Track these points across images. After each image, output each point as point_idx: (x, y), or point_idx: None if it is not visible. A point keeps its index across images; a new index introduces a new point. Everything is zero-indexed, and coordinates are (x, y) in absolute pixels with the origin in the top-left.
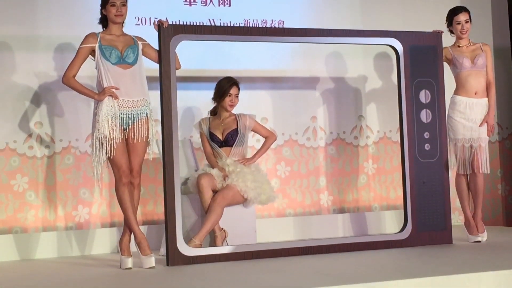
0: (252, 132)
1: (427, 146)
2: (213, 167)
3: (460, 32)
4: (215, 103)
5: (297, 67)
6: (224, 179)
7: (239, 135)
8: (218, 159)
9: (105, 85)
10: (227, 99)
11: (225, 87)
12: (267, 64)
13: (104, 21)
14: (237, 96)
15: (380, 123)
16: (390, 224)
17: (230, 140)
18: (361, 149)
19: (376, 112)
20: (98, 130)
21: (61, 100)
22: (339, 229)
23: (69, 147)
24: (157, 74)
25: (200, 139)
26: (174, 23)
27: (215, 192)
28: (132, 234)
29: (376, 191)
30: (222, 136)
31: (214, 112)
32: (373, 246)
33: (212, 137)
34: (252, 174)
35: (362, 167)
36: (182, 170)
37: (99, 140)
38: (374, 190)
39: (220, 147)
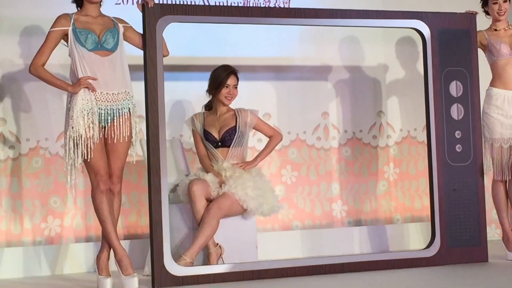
0: (253, 131)
1: (458, 148)
2: (207, 172)
3: (497, 13)
4: (210, 96)
5: (306, 54)
6: (220, 186)
7: (237, 133)
8: (214, 162)
9: (80, 75)
10: (224, 91)
11: (221, 77)
12: (270, 51)
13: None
14: (236, 87)
15: (403, 120)
16: (415, 239)
17: (227, 139)
18: (380, 150)
19: (398, 107)
20: (72, 128)
21: (28, 93)
22: (354, 244)
23: (38, 148)
24: (141, 62)
25: (192, 138)
26: (161, 2)
27: (209, 201)
28: (111, 250)
29: (399, 200)
30: (219, 135)
31: (209, 107)
32: (395, 264)
33: (206, 136)
34: (253, 181)
35: (382, 172)
36: (170, 175)
37: (73, 140)
38: (396, 199)
39: (215, 147)
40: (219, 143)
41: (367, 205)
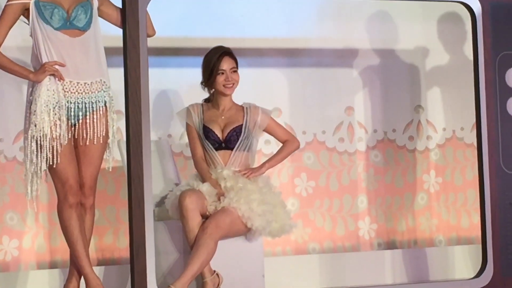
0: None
1: None
2: (203, 180)
3: None
4: (206, 89)
5: (326, 35)
6: (219, 199)
7: (244, 133)
8: (211, 169)
9: (44, 60)
10: (220, 78)
11: (212, 61)
12: (282, 30)
13: None
14: (235, 71)
15: (447, 117)
16: (462, 265)
17: (234, 139)
18: (419, 155)
19: (441, 101)
20: (35, 125)
21: None
22: (386, 272)
23: None
24: (120, 44)
25: (182, 139)
26: None
27: (205, 217)
28: (81, 278)
29: (441, 217)
30: (222, 134)
31: (210, 101)
32: None
33: (207, 133)
34: (260, 193)
35: (421, 182)
36: (156, 185)
37: (36, 141)
38: (438, 216)
39: (216, 149)
40: (222, 144)
41: (402, 223)
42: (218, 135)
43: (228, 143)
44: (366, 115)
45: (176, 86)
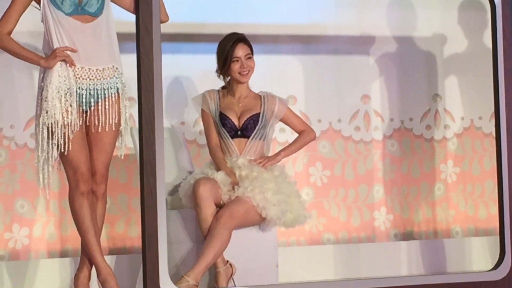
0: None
1: None
2: (218, 168)
3: None
4: (222, 77)
5: (342, 21)
6: (233, 188)
7: (261, 122)
8: (227, 157)
9: (55, 45)
10: (235, 66)
11: (226, 49)
12: (298, 16)
13: None
14: (250, 58)
15: (465, 106)
16: (479, 257)
17: (251, 127)
18: (436, 144)
19: (459, 89)
20: (47, 112)
21: None
22: (402, 263)
23: (1, 138)
24: (133, 30)
25: (202, 123)
26: None
27: (219, 207)
28: (93, 268)
29: (459, 208)
30: (239, 122)
31: (226, 88)
32: None
33: (223, 120)
34: (275, 182)
35: (438, 172)
36: (169, 174)
37: (48, 128)
38: (455, 207)
39: (232, 137)
40: (238, 132)
41: (419, 214)
42: (235, 122)
43: (244, 131)
44: (382, 103)
45: (189, 72)
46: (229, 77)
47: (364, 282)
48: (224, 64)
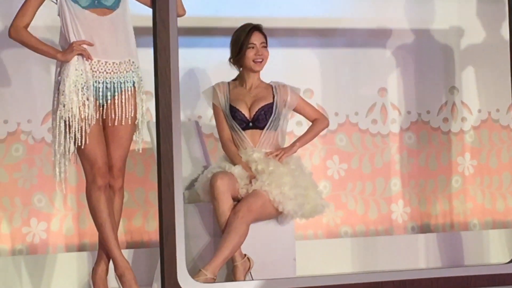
0: (292, 114)
1: None
2: (233, 163)
3: None
4: (235, 67)
5: (359, 14)
6: (250, 182)
7: (274, 114)
8: (240, 151)
9: (72, 39)
10: (250, 52)
11: (242, 36)
12: (314, 10)
13: None
14: (265, 47)
15: (482, 98)
16: (497, 249)
17: (262, 119)
18: (453, 137)
19: (476, 82)
20: (64, 106)
21: (7, 62)
22: (420, 256)
23: (18, 132)
24: (150, 23)
25: (213, 117)
26: None
27: (236, 200)
28: (110, 262)
29: (476, 201)
30: (249, 113)
31: (237, 79)
32: (471, 282)
33: (233, 113)
34: (291, 175)
35: (456, 165)
36: (186, 168)
37: (65, 122)
38: (473, 199)
39: (244, 129)
40: (250, 124)
41: (436, 207)
42: (245, 114)
43: (256, 122)
44: (399, 96)
45: (206, 66)
46: (241, 67)
47: (382, 275)
48: (240, 51)
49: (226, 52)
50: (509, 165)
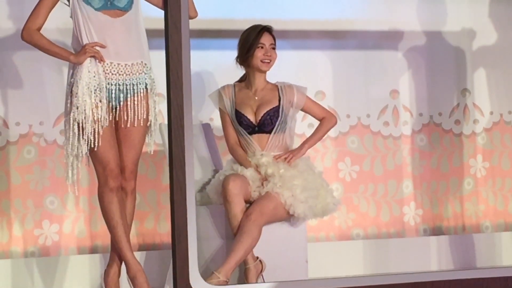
0: (300, 115)
1: None
2: (244, 166)
3: None
4: (242, 66)
5: (371, 16)
6: (262, 184)
7: (281, 116)
8: (249, 155)
9: (85, 41)
10: (259, 52)
11: (252, 36)
12: (326, 12)
13: None
14: (274, 48)
15: (494, 100)
16: (510, 251)
17: (268, 123)
18: (465, 139)
19: (488, 84)
20: (77, 108)
21: (19, 64)
22: (432, 259)
23: (30, 134)
24: (162, 26)
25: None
26: None
27: (248, 203)
28: (122, 264)
29: (489, 203)
30: (255, 118)
31: (243, 80)
32: (484, 284)
33: (239, 118)
34: (302, 177)
35: (468, 167)
36: (198, 170)
37: (78, 124)
38: (485, 201)
39: (250, 133)
40: (256, 128)
41: (448, 209)
42: (251, 119)
43: (262, 126)
44: (411, 98)
45: (217, 68)
46: (248, 68)
47: (394, 277)
48: (248, 51)
49: (238, 56)
50: None
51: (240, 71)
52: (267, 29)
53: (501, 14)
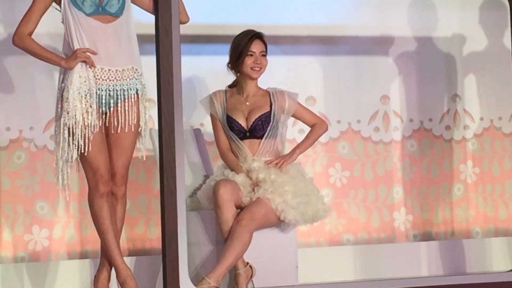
0: (291, 120)
1: None
2: (236, 171)
3: None
4: (232, 71)
5: (362, 22)
6: (253, 190)
7: (272, 122)
8: (241, 160)
9: (76, 46)
10: (248, 60)
11: (242, 43)
12: (316, 17)
13: None
14: (264, 55)
15: (485, 106)
16: (499, 257)
17: (259, 129)
18: (456, 145)
19: (478, 90)
20: (68, 113)
21: (10, 69)
22: (422, 264)
23: (20, 139)
24: (153, 31)
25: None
26: None
27: (239, 208)
28: (112, 269)
29: (479, 208)
30: (247, 123)
31: (235, 86)
32: None
33: (230, 123)
34: (293, 183)
35: (458, 172)
36: (188, 175)
37: (69, 129)
38: (475, 207)
39: (242, 139)
40: (247, 134)
41: (438, 215)
42: (242, 124)
43: (253, 132)
44: (402, 104)
45: (209, 74)
46: (239, 73)
47: (384, 283)
48: (238, 57)
49: (227, 60)
50: (511, 173)
51: (232, 77)
52: (258, 36)
53: (491, 20)
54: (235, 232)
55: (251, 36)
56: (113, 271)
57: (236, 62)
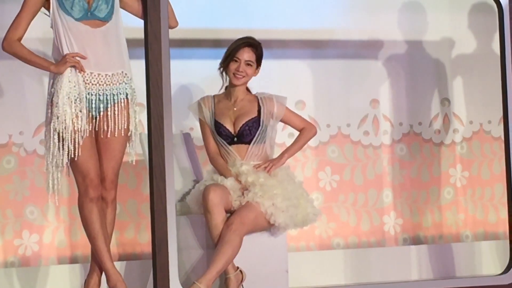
0: (281, 124)
1: None
2: (225, 175)
3: None
4: (224, 73)
5: (351, 25)
6: (243, 194)
7: (261, 127)
8: (230, 164)
9: (65, 51)
10: (233, 65)
11: (231, 48)
12: (306, 21)
13: None
14: (249, 64)
15: (474, 110)
16: (489, 261)
17: (246, 134)
18: (445, 148)
19: (468, 93)
20: (58, 117)
21: None
22: (412, 268)
23: (10, 144)
24: (142, 35)
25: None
26: None
27: (229, 213)
28: (103, 274)
29: (468, 212)
30: (234, 128)
31: (224, 90)
32: None
33: (218, 128)
34: (282, 186)
35: (447, 176)
36: (178, 180)
37: (58, 133)
38: (465, 210)
39: (230, 144)
40: (235, 139)
41: (428, 218)
42: (230, 129)
43: (240, 137)
44: (391, 107)
45: (198, 78)
46: (226, 76)
47: (374, 287)
48: (225, 60)
49: (218, 65)
50: (501, 176)
51: (221, 82)
52: (248, 44)
53: (480, 24)
54: (225, 236)
55: (241, 43)
56: (103, 276)
57: (223, 64)
